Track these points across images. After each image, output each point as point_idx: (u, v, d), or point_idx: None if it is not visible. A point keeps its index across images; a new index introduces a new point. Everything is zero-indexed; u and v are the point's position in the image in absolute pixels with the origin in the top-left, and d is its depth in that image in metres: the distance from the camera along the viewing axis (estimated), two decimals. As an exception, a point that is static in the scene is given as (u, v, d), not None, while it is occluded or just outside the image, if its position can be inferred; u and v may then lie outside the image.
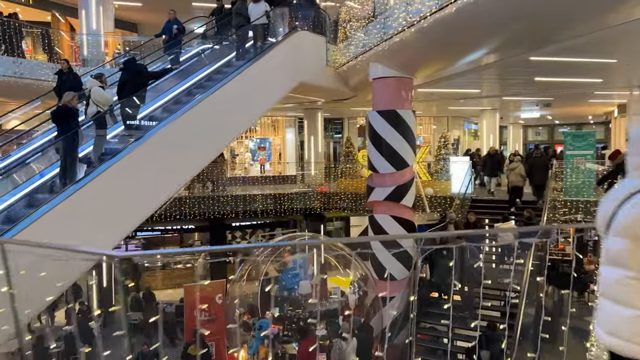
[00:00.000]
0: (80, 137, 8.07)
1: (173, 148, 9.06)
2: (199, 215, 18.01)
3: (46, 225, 7.03)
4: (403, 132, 12.17)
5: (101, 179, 7.77)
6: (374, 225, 12.53)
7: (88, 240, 7.36)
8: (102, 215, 7.82)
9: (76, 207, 7.43)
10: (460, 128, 28.59)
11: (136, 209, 8.50)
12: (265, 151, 24.05)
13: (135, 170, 8.43)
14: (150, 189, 8.78)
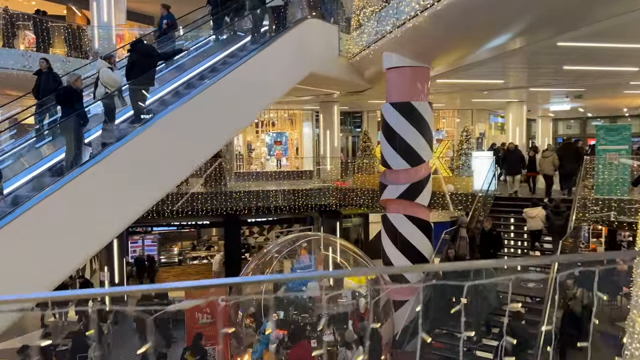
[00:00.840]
0: (85, 119, 7.83)
1: (178, 134, 8.59)
2: (213, 211, 17.60)
3: (50, 206, 6.58)
4: (418, 125, 11.39)
5: (107, 162, 7.26)
6: (386, 226, 11.81)
7: (93, 223, 6.93)
8: (108, 198, 7.32)
9: (81, 189, 6.93)
10: (486, 121, 27.41)
11: (144, 193, 7.97)
12: (281, 145, 23.48)
13: (142, 154, 7.91)
14: (158, 174, 8.25)
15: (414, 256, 11.47)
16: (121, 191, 7.54)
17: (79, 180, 6.90)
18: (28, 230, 6.48)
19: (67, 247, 6.92)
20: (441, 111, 25.54)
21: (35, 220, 6.49)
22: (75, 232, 6.93)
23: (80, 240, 7.03)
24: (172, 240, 24.39)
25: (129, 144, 7.46)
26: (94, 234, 7.20)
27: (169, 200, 16.96)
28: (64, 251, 6.89)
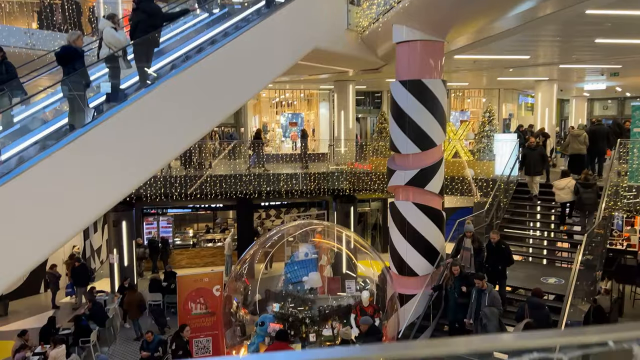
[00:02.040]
0: (87, 79, 7.37)
1: (179, 101, 7.96)
2: (225, 194, 17.09)
3: (53, 167, 6.05)
4: (430, 105, 10.44)
5: (110, 123, 6.67)
6: (394, 214, 10.99)
7: (97, 183, 6.38)
8: (111, 160, 6.75)
9: (84, 151, 6.36)
10: (514, 102, 25.92)
11: (150, 157, 7.36)
12: (297, 127, 22.74)
13: (148, 117, 7.29)
14: (165, 137, 7.62)
15: (423, 247, 10.65)
16: (127, 153, 6.88)
17: (84, 140, 6.28)
18: (25, 192, 5.94)
19: (68, 208, 6.34)
20: (466, 91, 24.26)
21: (35, 182, 5.94)
22: (79, 194, 6.35)
23: (83, 202, 6.43)
24: (188, 222, 24.21)
25: (132, 106, 6.79)
26: (98, 195, 6.58)
27: (178, 182, 16.53)
28: (65, 213, 6.32)
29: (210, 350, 10.20)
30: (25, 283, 17.83)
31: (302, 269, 10.67)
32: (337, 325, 10.21)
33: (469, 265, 9.85)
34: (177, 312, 10.22)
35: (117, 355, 13.05)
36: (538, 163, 12.79)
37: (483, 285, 8.58)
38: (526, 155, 13.10)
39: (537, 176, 12.95)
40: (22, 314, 16.43)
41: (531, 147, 13.03)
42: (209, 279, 10.17)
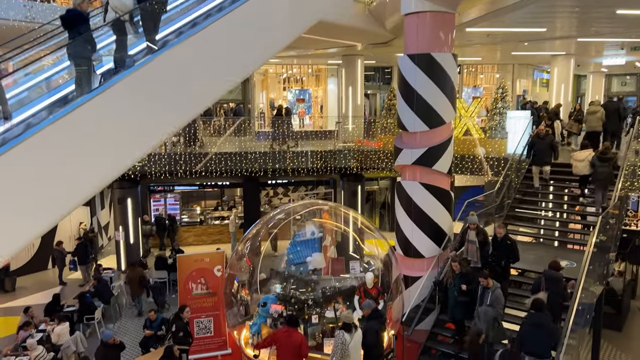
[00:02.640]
0: (93, 44, 7.06)
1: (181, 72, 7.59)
2: (230, 172, 16.85)
3: (57, 132, 5.74)
4: (439, 81, 9.97)
5: (116, 89, 6.32)
6: (400, 194, 10.64)
7: (101, 151, 6.07)
8: (117, 128, 6.38)
9: (89, 118, 6.02)
10: (529, 77, 25.11)
11: (156, 125, 6.99)
12: (304, 103, 22.27)
13: (155, 84, 6.89)
14: (171, 105, 7.23)
15: (430, 228, 10.33)
16: (133, 121, 6.48)
17: (89, 107, 5.93)
18: (31, 158, 5.64)
19: (72, 177, 6.02)
20: (479, 66, 23.52)
21: (38, 149, 5.64)
22: (84, 162, 6.04)
23: (87, 171, 6.12)
24: (195, 200, 24.10)
25: (139, 72, 6.40)
26: (103, 164, 6.24)
27: (183, 160, 16.32)
28: (68, 182, 6.01)
29: (211, 331, 10.08)
30: (33, 259, 17.93)
31: (305, 249, 10.42)
32: (341, 306, 10.01)
33: (475, 259, 9.25)
34: (178, 292, 10.06)
35: (122, 332, 13.05)
36: (547, 152, 11.93)
37: (488, 284, 8.05)
38: (534, 143, 12.14)
39: (547, 166, 12.13)
40: (30, 290, 16.52)
41: (540, 135, 12.07)
42: (209, 259, 9.97)
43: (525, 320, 7.73)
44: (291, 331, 8.03)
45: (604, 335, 11.22)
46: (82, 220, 19.82)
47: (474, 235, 9.26)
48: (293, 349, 7.95)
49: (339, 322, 9.48)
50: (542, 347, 7.36)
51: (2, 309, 15.05)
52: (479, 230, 9.34)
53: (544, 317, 7.47)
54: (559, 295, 8.22)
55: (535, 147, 12.00)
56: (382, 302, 9.95)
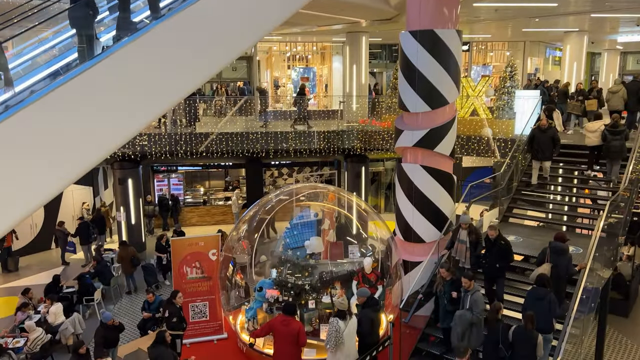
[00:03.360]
0: (95, 10, 6.73)
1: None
2: (233, 153, 16.58)
3: (60, 98, 5.49)
4: (442, 59, 9.52)
5: (118, 56, 6.00)
6: (401, 177, 10.31)
7: (102, 120, 5.80)
8: (118, 97, 6.10)
9: (90, 86, 5.74)
10: (541, 55, 24.34)
11: (158, 95, 6.67)
12: (308, 82, 21.79)
13: (157, 52, 6.54)
14: (172, 75, 6.88)
15: (431, 213, 10.01)
16: (135, 90, 6.16)
17: (91, 74, 5.63)
18: (35, 123, 5.39)
19: (72, 147, 5.75)
20: (489, 43, 22.79)
21: (38, 117, 5.39)
22: (84, 131, 5.77)
23: (88, 140, 5.83)
24: (199, 180, 23.96)
25: (142, 39, 6.04)
26: (103, 134, 5.95)
27: (183, 140, 16.07)
28: (68, 152, 5.74)
29: (207, 315, 9.95)
30: (36, 239, 17.97)
31: (303, 233, 10.18)
32: (340, 292, 9.80)
33: (464, 259, 8.80)
34: (173, 276, 9.91)
35: (122, 314, 13.02)
36: (548, 147, 11.04)
37: (470, 286, 7.62)
38: (535, 136, 11.18)
39: (547, 162, 11.33)
40: (33, 269, 16.57)
41: (542, 128, 11.09)
42: (204, 242, 9.77)
43: (528, 294, 7.74)
44: (289, 320, 7.83)
45: (610, 321, 10.95)
46: (85, 200, 19.77)
47: (466, 235, 8.79)
48: (291, 338, 7.77)
49: (335, 308, 9.30)
50: (543, 321, 7.30)
51: (5, 289, 15.12)
52: (471, 230, 8.87)
53: (547, 291, 7.45)
54: (564, 268, 8.06)
55: (535, 141, 11.15)
56: (381, 288, 9.74)
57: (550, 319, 7.48)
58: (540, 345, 7.08)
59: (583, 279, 7.83)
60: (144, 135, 16.09)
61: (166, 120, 16.78)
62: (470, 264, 8.73)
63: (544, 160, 11.26)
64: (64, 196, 18.94)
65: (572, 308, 7.39)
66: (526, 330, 7.04)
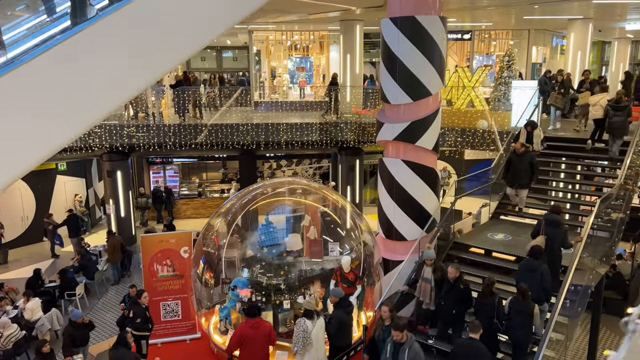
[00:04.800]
0: None
1: None
2: (222, 145, 16.21)
3: (55, 58, 5.14)
4: (425, 47, 8.99)
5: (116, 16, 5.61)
6: (383, 172, 9.84)
7: (103, 76, 5.43)
8: (118, 54, 5.70)
9: (86, 46, 5.37)
10: (548, 44, 23.49)
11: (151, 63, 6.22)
12: (305, 72, 21.28)
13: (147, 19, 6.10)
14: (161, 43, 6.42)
15: (413, 210, 9.54)
16: (128, 55, 5.73)
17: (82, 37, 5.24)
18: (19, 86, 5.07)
19: (60, 110, 5.41)
20: (493, 32, 22.03)
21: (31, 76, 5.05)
22: (75, 95, 5.41)
23: (77, 105, 5.48)
24: (196, 172, 23.68)
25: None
26: (93, 100, 5.57)
27: (172, 131, 15.74)
28: (57, 116, 5.39)
29: (179, 314, 9.63)
30: (27, 231, 17.84)
31: (279, 230, 9.76)
32: (320, 291, 9.40)
33: (428, 300, 7.82)
34: (143, 274, 9.59)
35: (105, 309, 12.80)
36: (525, 173, 9.81)
37: (401, 338, 6.24)
38: (511, 161, 9.99)
39: (524, 190, 10.08)
40: (22, 262, 16.43)
41: (518, 152, 9.86)
42: (175, 239, 9.42)
43: (521, 266, 7.64)
44: (257, 322, 7.46)
45: (606, 322, 10.45)
46: (78, 192, 19.60)
47: (430, 272, 7.80)
48: (263, 339, 7.43)
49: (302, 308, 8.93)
50: (537, 292, 7.17)
51: (-8, 281, 15.02)
52: (437, 267, 7.89)
53: (539, 264, 7.36)
54: (559, 240, 7.88)
55: (511, 166, 9.98)
56: (360, 288, 9.33)
57: (543, 291, 7.35)
58: (537, 316, 6.99)
59: (568, 279, 7.35)
60: (132, 127, 15.80)
61: (154, 111, 16.47)
62: (435, 306, 7.80)
63: (519, 189, 10.04)
64: (55, 188, 18.78)
65: (554, 312, 6.93)
66: (522, 300, 6.93)
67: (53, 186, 18.73)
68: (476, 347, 6.36)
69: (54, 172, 18.70)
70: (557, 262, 7.93)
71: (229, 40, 27.31)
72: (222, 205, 10.39)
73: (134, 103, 16.34)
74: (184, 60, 6.40)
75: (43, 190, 18.34)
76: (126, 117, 16.65)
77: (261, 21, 18.78)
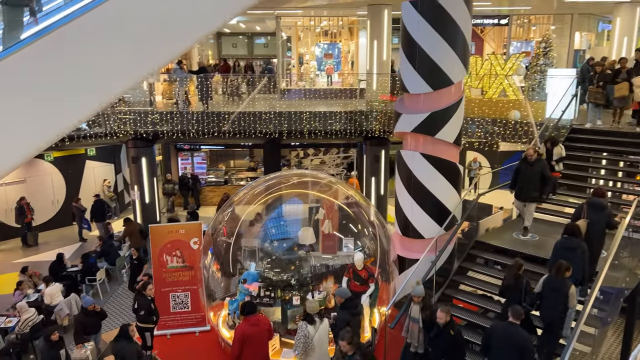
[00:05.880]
0: None
1: None
2: (246, 133, 16.00)
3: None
4: (447, 33, 8.39)
5: None
6: (401, 166, 9.34)
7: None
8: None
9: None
10: (593, 30, 22.03)
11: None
12: (333, 59, 20.75)
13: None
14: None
15: (431, 206, 9.03)
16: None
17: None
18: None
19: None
20: (532, 17, 20.81)
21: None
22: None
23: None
24: (224, 159, 23.69)
25: None
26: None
27: (195, 119, 15.64)
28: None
29: (189, 306, 9.49)
30: (57, 215, 18.27)
31: (291, 224, 9.45)
32: (333, 287, 9.07)
33: (416, 342, 7.06)
34: (152, 264, 9.48)
35: (125, 295, 12.88)
36: (534, 184, 8.57)
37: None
38: (520, 170, 8.73)
39: (532, 203, 8.86)
40: (51, 245, 16.84)
41: (529, 160, 8.61)
42: (185, 230, 9.25)
43: (557, 245, 7.25)
44: (256, 318, 7.21)
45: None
46: (107, 177, 19.90)
47: (418, 311, 7.01)
48: (264, 335, 7.22)
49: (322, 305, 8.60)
50: (577, 271, 6.79)
51: (23, 264, 15.38)
52: (425, 305, 7.05)
53: (578, 241, 6.99)
54: (602, 224, 7.45)
55: (520, 176, 8.75)
56: (373, 286, 8.93)
57: (581, 270, 6.93)
58: (572, 296, 6.55)
59: (599, 282, 6.74)
60: (156, 114, 15.80)
61: (178, 99, 16.40)
62: (424, 349, 7.05)
63: (528, 202, 8.83)
64: (85, 173, 19.13)
65: (579, 320, 6.34)
66: (557, 277, 6.54)
67: (82, 171, 19.08)
68: (513, 330, 6.18)
69: (83, 157, 19.04)
70: (596, 247, 7.42)
71: (258, 27, 27.01)
72: (235, 194, 10.13)
73: (156, 90, 16.35)
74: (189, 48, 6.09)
75: (73, 175, 18.71)
76: (149, 104, 16.69)
77: (289, 6, 18.36)
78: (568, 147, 11.48)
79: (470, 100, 13.60)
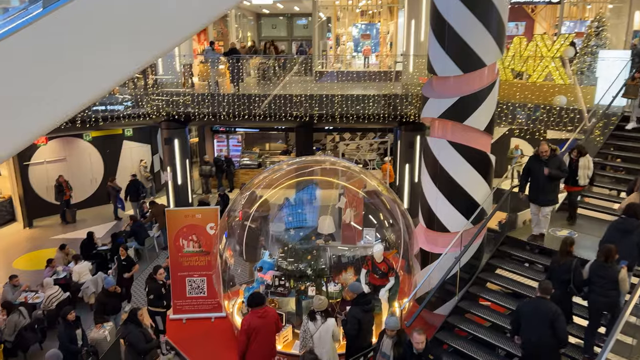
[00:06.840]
0: None
1: None
2: (276, 116, 15.73)
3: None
4: (481, 11, 7.68)
5: None
6: (427, 155, 8.75)
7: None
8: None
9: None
10: (657, 8, 20.13)
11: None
12: (370, 40, 20.02)
13: None
14: None
15: (458, 198, 8.43)
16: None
17: None
18: None
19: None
20: (588, -6, 19.27)
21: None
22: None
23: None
24: (259, 141, 23.62)
25: None
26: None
27: (226, 101, 15.48)
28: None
29: (205, 291, 9.39)
30: (95, 193, 18.75)
31: (309, 212, 9.10)
32: (352, 278, 8.72)
33: None
34: (169, 248, 9.40)
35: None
36: (549, 186, 7.66)
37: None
38: (531, 170, 7.81)
39: (548, 207, 7.90)
40: (88, 222, 17.30)
41: (542, 157, 7.66)
42: (201, 215, 9.09)
43: (611, 227, 6.69)
44: (263, 310, 6.95)
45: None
46: (143, 157, 20.20)
47: (390, 346, 6.17)
48: (272, 327, 6.97)
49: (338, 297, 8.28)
50: (630, 256, 6.25)
51: (61, 240, 15.87)
52: (400, 340, 6.18)
53: (638, 224, 6.38)
54: None
55: (532, 176, 7.82)
56: (393, 280, 8.48)
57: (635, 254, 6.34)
58: (624, 281, 6.00)
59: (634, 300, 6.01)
60: (188, 96, 15.76)
61: (209, 81, 16.28)
62: None
63: (542, 205, 7.90)
64: (122, 153, 19.48)
65: (624, 311, 5.66)
66: (604, 263, 6.03)
67: (120, 151, 19.43)
68: (544, 305, 5.83)
69: (120, 137, 19.37)
70: None
71: (296, 7, 26.51)
72: (254, 178, 9.84)
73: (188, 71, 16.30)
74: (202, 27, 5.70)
75: (110, 155, 19.09)
76: (190, 85, 16.71)
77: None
78: (618, 137, 10.54)
79: (511, 85, 12.70)
